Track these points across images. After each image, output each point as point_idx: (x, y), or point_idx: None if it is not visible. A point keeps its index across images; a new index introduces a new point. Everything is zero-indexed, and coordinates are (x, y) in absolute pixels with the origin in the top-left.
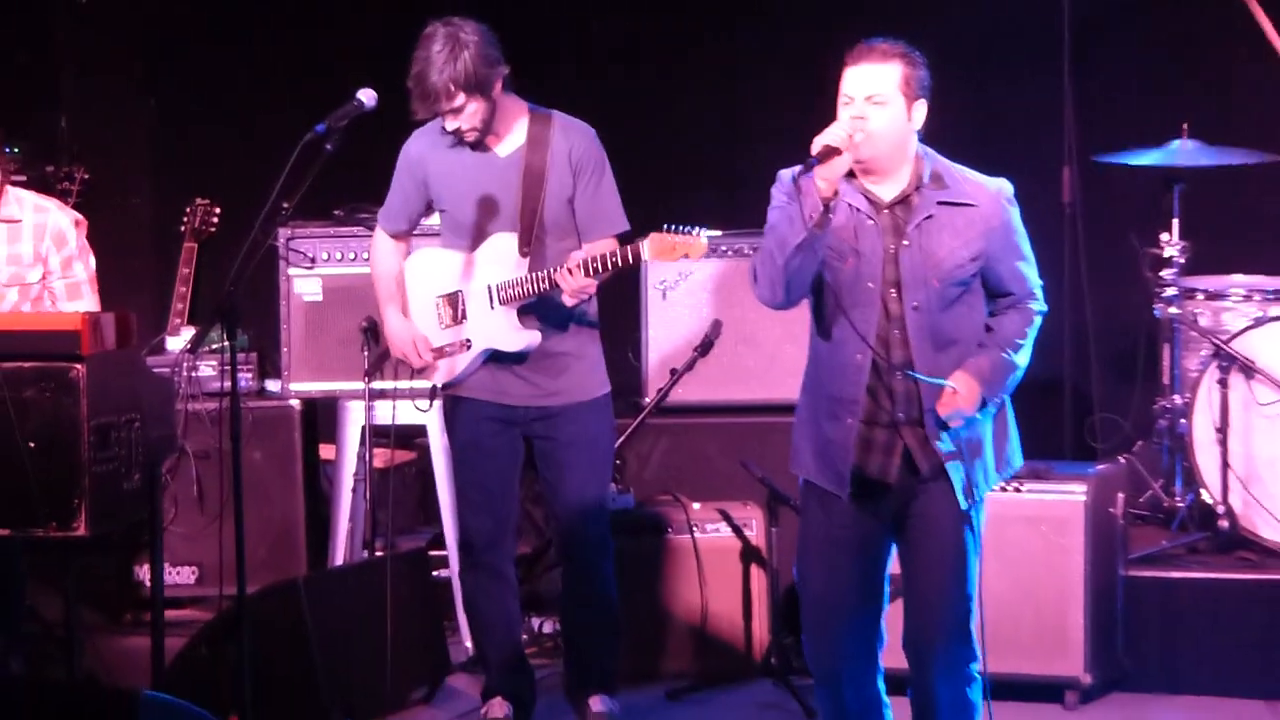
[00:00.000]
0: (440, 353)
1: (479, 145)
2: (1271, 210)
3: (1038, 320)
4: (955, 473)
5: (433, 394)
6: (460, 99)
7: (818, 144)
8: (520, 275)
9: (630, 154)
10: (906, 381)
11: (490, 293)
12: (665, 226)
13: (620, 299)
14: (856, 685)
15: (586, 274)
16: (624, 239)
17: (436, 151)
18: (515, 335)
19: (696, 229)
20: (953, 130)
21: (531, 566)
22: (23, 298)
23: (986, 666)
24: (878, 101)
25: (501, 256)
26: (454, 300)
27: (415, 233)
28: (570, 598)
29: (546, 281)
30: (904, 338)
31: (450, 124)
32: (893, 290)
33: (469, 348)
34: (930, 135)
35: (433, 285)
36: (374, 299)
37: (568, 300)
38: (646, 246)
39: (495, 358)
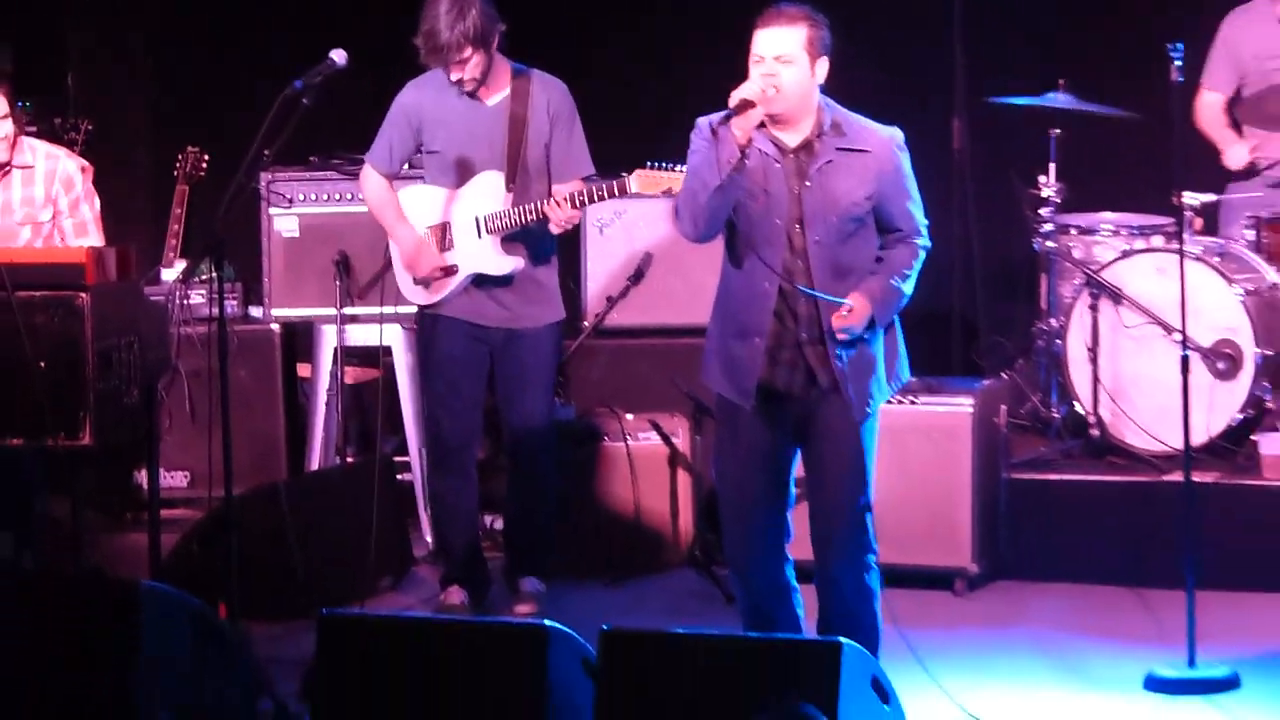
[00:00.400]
0: (445, 265)
1: (470, 96)
2: (1137, 155)
3: (922, 254)
4: (850, 386)
5: (419, 314)
6: (468, 52)
7: (735, 97)
8: (507, 208)
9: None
10: (809, 306)
11: (478, 223)
12: (649, 164)
13: (561, 235)
14: (768, 573)
15: (574, 206)
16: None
17: (431, 100)
18: (501, 260)
19: (677, 165)
20: (852, 84)
21: (483, 470)
22: (35, 235)
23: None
24: (785, 60)
25: (490, 192)
26: (441, 230)
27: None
28: (515, 495)
29: (535, 213)
30: (807, 268)
31: (455, 75)
32: (797, 226)
33: (454, 273)
34: (831, 88)
35: (421, 218)
36: (350, 236)
37: (554, 229)
38: (633, 181)
39: (476, 282)
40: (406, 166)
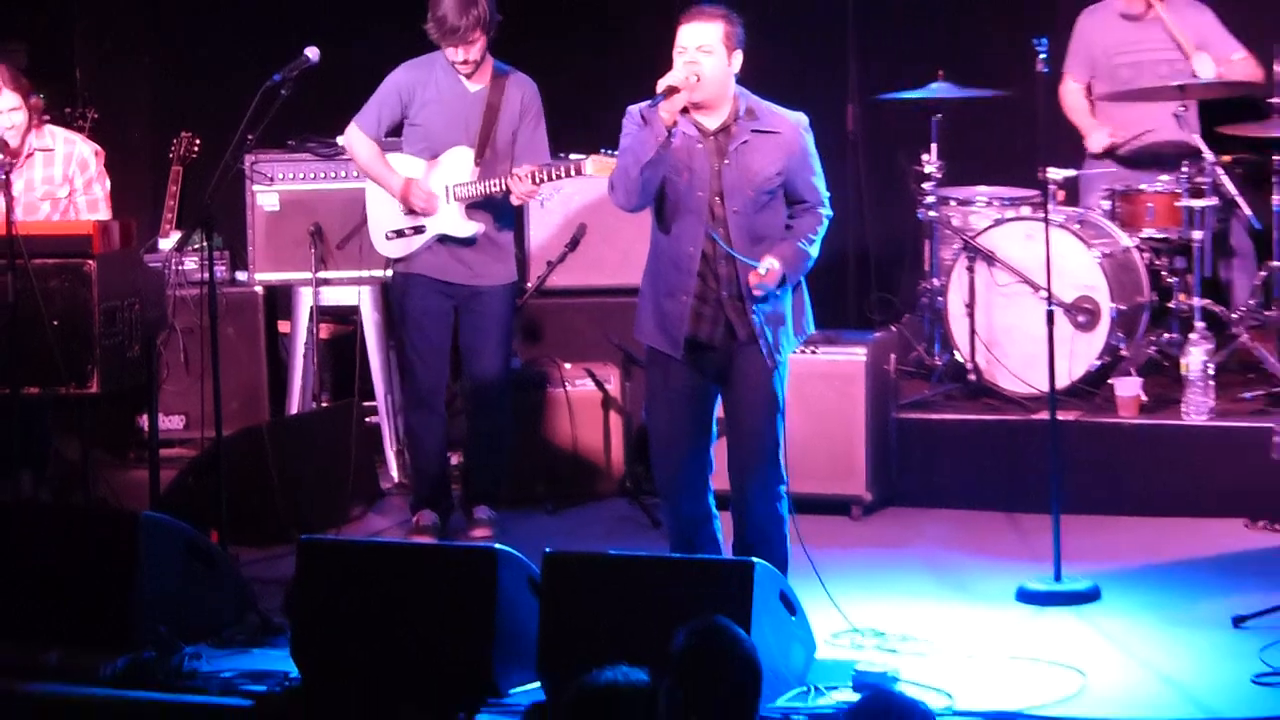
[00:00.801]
0: (433, 192)
1: (467, 76)
2: (1007, 136)
3: (825, 222)
4: (764, 338)
5: (394, 273)
6: (476, 34)
7: (662, 84)
8: (474, 179)
9: None
10: (729, 267)
11: (447, 190)
12: (602, 150)
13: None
14: (692, 501)
15: (534, 181)
16: None
17: (422, 80)
18: (465, 224)
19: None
20: (762, 74)
21: (447, 409)
22: (54, 209)
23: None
24: (705, 51)
25: (460, 164)
26: (425, 189)
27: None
28: (473, 434)
29: (499, 186)
30: (726, 235)
31: (461, 55)
32: (717, 198)
33: (422, 232)
34: (745, 78)
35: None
36: (325, 209)
37: (515, 201)
38: (589, 164)
39: (443, 241)
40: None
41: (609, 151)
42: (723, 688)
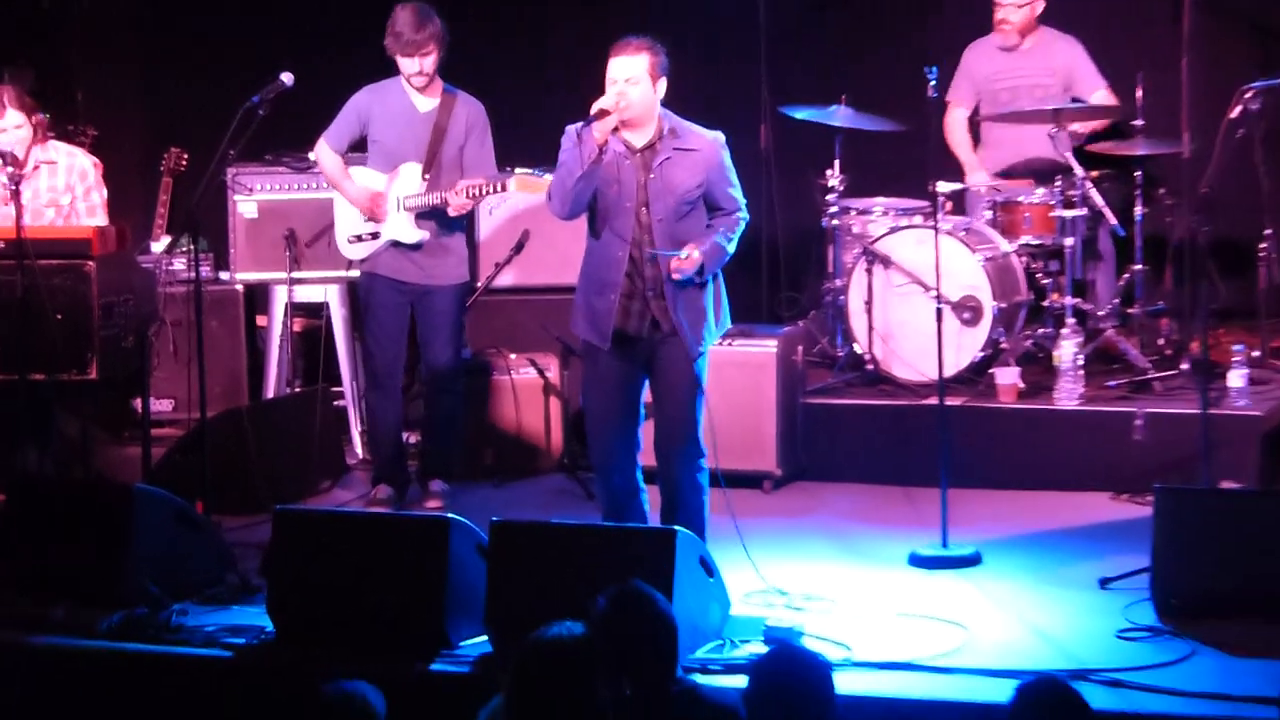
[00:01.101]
0: (380, 202)
1: (409, 99)
2: (901, 153)
3: (742, 225)
4: (685, 331)
5: (361, 273)
6: (430, 46)
7: (595, 107)
8: (421, 192)
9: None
10: (653, 268)
11: (398, 201)
12: (526, 170)
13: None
14: (622, 475)
15: (467, 197)
16: None
17: (379, 102)
18: (412, 231)
19: (545, 174)
20: (685, 98)
21: (405, 393)
22: (58, 215)
23: (715, 462)
24: (633, 80)
25: (410, 178)
26: (378, 196)
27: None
28: (428, 415)
29: (439, 199)
30: (651, 240)
31: (415, 66)
32: (643, 208)
33: (377, 237)
34: (670, 100)
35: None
36: (298, 216)
37: (451, 213)
38: (512, 182)
39: (396, 246)
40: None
41: (538, 171)
42: (642, 644)
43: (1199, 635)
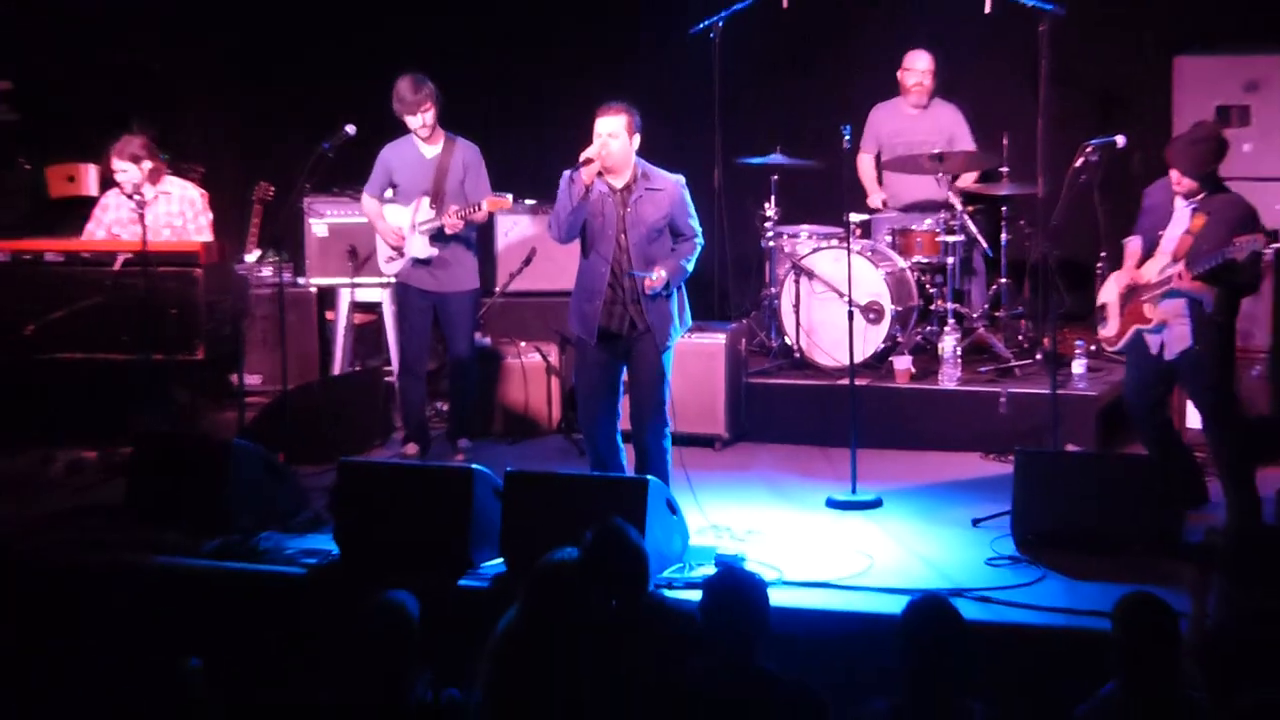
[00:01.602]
0: (402, 233)
1: (418, 149)
2: (821, 191)
3: (698, 249)
4: (655, 330)
5: (395, 283)
6: (426, 105)
7: (583, 156)
8: (430, 218)
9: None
10: (631, 282)
11: (414, 227)
12: (498, 194)
13: (484, 238)
14: (606, 438)
15: (457, 218)
16: None
17: (397, 155)
18: (425, 249)
19: (509, 195)
20: (655, 147)
21: (434, 376)
22: (173, 234)
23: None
24: (614, 135)
25: (422, 208)
26: (399, 231)
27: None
28: (454, 390)
29: (440, 222)
30: (629, 259)
31: (417, 121)
32: (622, 234)
33: (403, 256)
34: (643, 149)
35: (394, 222)
36: (359, 235)
37: (447, 230)
38: (485, 203)
39: (417, 261)
40: (390, 194)
41: (505, 195)
42: (621, 567)
43: (1048, 563)
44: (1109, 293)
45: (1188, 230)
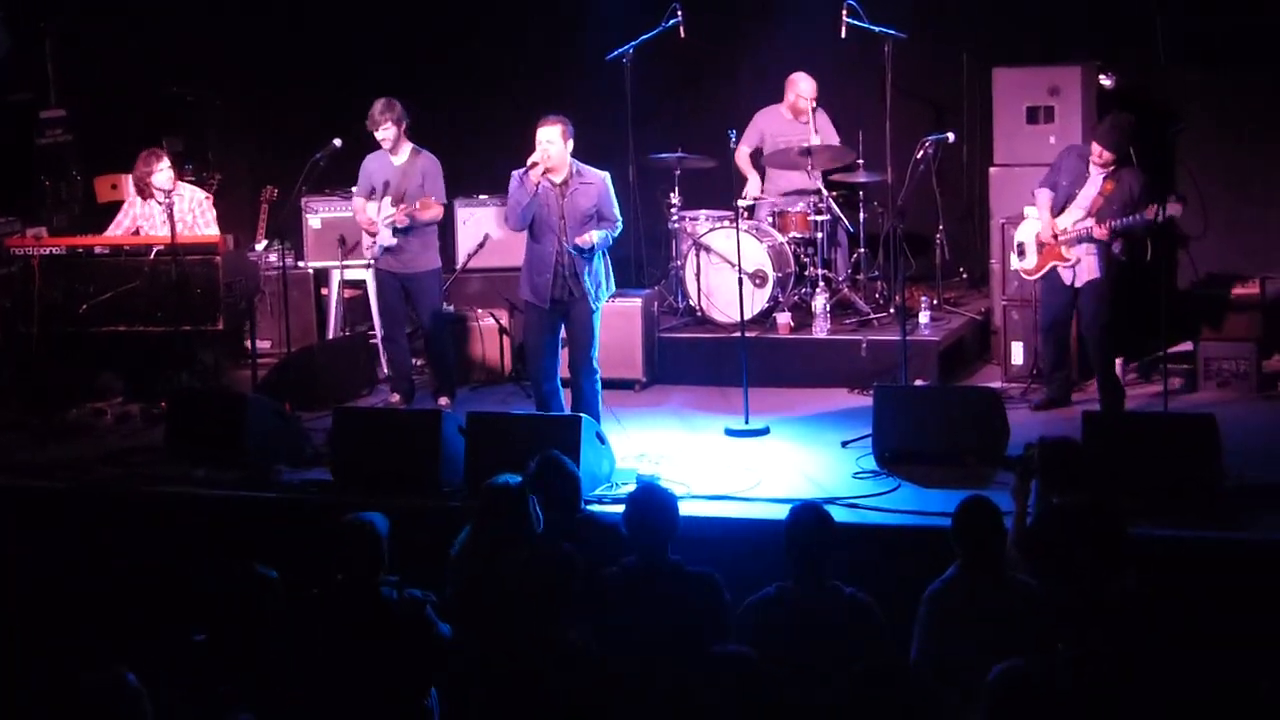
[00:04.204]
0: (375, 226)
1: (388, 158)
2: (714, 182)
3: (619, 229)
4: (589, 296)
5: (373, 266)
6: (389, 124)
7: (530, 160)
8: (393, 212)
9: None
10: (570, 259)
11: (382, 221)
12: (428, 197)
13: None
14: (548, 383)
15: (403, 214)
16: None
17: (374, 164)
18: (389, 239)
19: (440, 203)
20: (585, 148)
21: (413, 335)
22: (184, 229)
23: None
24: (551, 141)
25: (385, 206)
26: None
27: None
28: (429, 353)
29: (400, 217)
30: (568, 239)
31: (380, 134)
32: (562, 220)
33: (376, 243)
34: (576, 151)
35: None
36: (346, 227)
37: (398, 224)
38: (418, 203)
39: (386, 249)
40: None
41: (434, 198)
42: (558, 489)
43: (903, 475)
44: (1026, 233)
45: (1100, 192)
